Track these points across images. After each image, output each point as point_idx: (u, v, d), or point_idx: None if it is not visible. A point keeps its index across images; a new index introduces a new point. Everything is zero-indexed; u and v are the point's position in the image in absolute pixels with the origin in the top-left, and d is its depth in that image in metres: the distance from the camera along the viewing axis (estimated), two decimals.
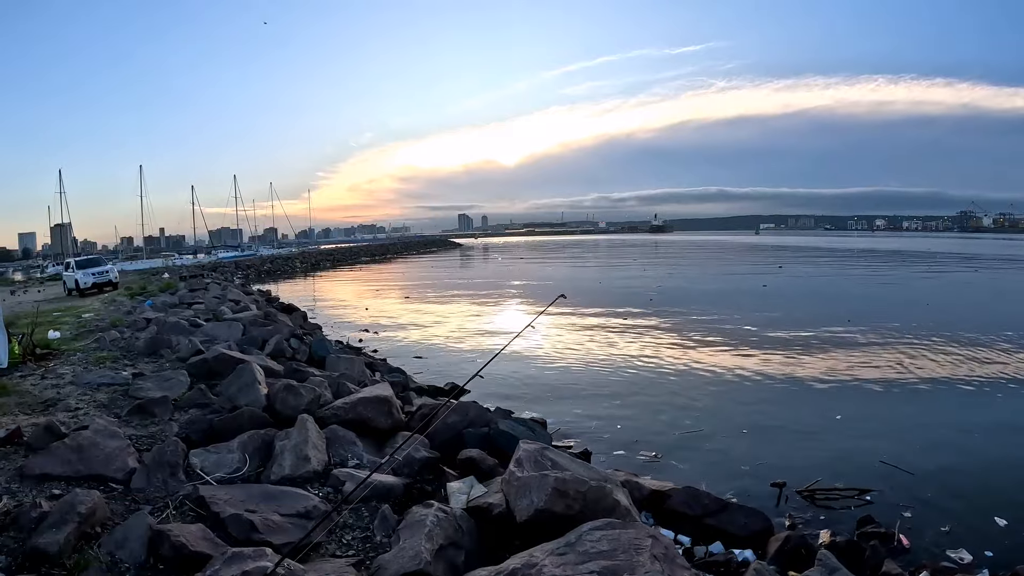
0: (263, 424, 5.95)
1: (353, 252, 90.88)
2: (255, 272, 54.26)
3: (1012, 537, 5.49)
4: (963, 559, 5.12)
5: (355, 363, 10.28)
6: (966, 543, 5.34)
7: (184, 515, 4.32)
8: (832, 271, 40.60)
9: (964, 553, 5.20)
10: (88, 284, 26.17)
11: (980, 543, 5.34)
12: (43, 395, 7.38)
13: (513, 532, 4.07)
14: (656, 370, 12.44)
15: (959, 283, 30.56)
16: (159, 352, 10.29)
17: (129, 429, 6.01)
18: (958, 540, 5.41)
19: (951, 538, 5.47)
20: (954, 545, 5.32)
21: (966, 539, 5.42)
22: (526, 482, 4.09)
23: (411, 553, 3.61)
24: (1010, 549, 5.26)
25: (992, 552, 5.21)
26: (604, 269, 47.49)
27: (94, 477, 4.81)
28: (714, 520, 5.32)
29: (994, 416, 9.03)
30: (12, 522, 3.97)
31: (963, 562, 5.06)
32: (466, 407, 7.03)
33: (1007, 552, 5.21)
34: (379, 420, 6.44)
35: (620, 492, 4.32)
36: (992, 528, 5.64)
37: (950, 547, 5.28)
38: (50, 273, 50.50)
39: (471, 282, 38.80)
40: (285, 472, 5.06)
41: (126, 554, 3.70)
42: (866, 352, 13.50)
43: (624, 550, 3.19)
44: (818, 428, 8.68)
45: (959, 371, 11.58)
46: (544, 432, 7.82)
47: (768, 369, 12.16)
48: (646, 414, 9.47)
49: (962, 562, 5.06)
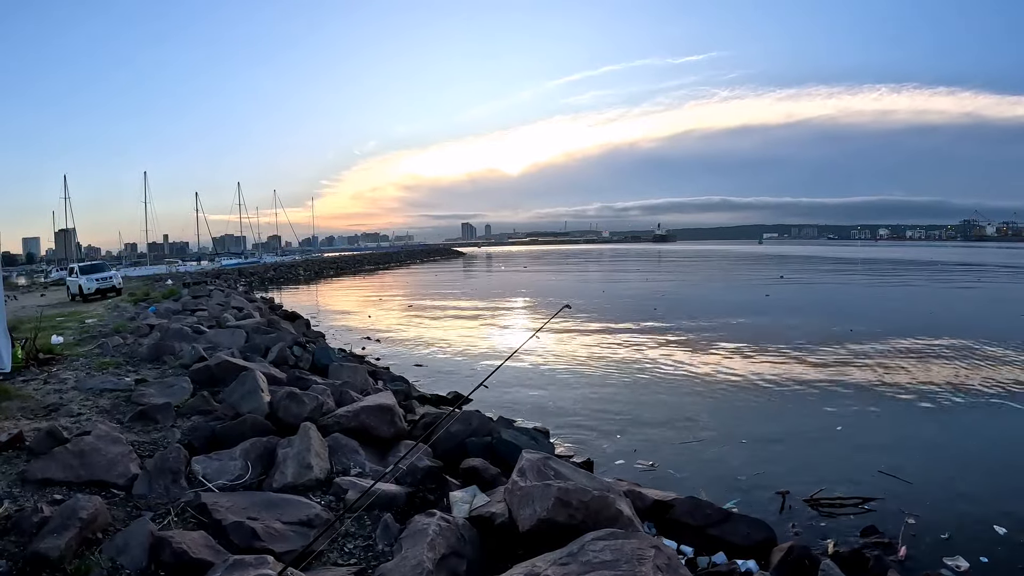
0: (265, 432, 5.95)
1: (356, 260, 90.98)
2: (258, 279, 54.40)
3: (1009, 545, 5.49)
4: (960, 567, 5.14)
5: (358, 371, 10.27)
6: (965, 551, 5.34)
7: (186, 522, 4.31)
8: (835, 281, 40.54)
9: (961, 561, 5.21)
10: (91, 289, 26.26)
11: (979, 551, 5.35)
12: (46, 400, 7.40)
13: (516, 542, 4.04)
14: (658, 380, 12.42)
15: (962, 292, 30.46)
16: (162, 358, 10.30)
17: (131, 435, 6.01)
18: (957, 549, 5.41)
19: (950, 546, 5.47)
20: (954, 553, 5.33)
21: (965, 547, 5.42)
22: (529, 492, 4.07)
23: (413, 562, 3.60)
24: (1007, 557, 5.28)
25: (987, 558, 5.25)
26: (608, 279, 47.45)
27: (96, 483, 4.81)
28: (717, 530, 5.29)
29: (995, 425, 9.02)
30: (13, 527, 3.97)
31: (959, 570, 5.09)
32: (469, 416, 7.02)
33: (1004, 560, 5.23)
34: (382, 429, 6.43)
35: (623, 502, 4.29)
36: (991, 536, 5.64)
37: (948, 555, 5.30)
38: (54, 278, 50.62)
39: (474, 291, 38.80)
40: (287, 480, 5.05)
41: (127, 560, 3.69)
42: (868, 362, 13.45)
43: (627, 560, 3.18)
44: (818, 438, 8.66)
45: (961, 380, 11.53)
46: (547, 442, 7.80)
47: (771, 378, 12.13)
48: (646, 423, 9.46)
49: (959, 570, 5.09)
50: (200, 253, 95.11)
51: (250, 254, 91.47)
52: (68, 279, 30.08)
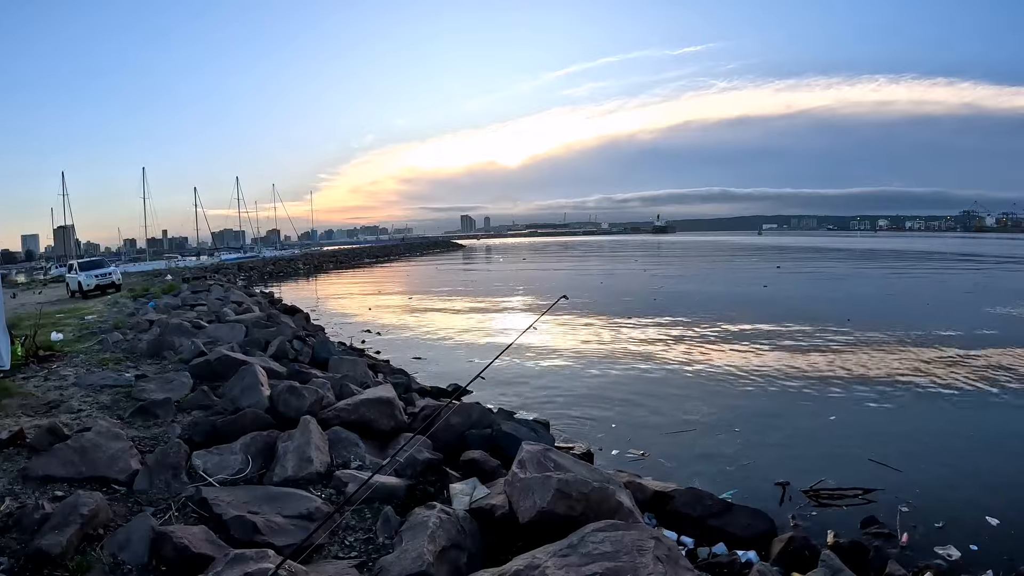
0: (266, 426, 5.95)
1: (356, 254, 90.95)
2: (258, 274, 54.37)
3: (1000, 535, 5.54)
4: (951, 555, 5.19)
5: (358, 364, 10.28)
6: (957, 541, 5.38)
7: (187, 517, 4.32)
8: (833, 271, 40.47)
9: (952, 550, 5.26)
10: (91, 286, 26.22)
11: (971, 541, 5.40)
12: (46, 397, 7.39)
13: (516, 534, 4.05)
14: (656, 370, 12.46)
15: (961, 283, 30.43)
16: (162, 354, 10.30)
17: (132, 431, 6.02)
18: (950, 538, 5.45)
19: (942, 536, 5.52)
20: (947, 542, 5.37)
21: (957, 537, 5.46)
22: (529, 483, 4.08)
23: (414, 555, 3.61)
24: (998, 545, 5.34)
25: (976, 546, 5.31)
26: (607, 270, 47.41)
27: (97, 479, 4.82)
28: (717, 521, 5.31)
29: (989, 416, 9.04)
30: (15, 524, 3.98)
31: (951, 559, 5.14)
32: (469, 408, 7.02)
33: (995, 548, 5.29)
34: (382, 421, 6.43)
35: (623, 493, 4.30)
36: (983, 527, 5.67)
37: (940, 545, 5.34)
38: (53, 275, 50.57)
39: (473, 283, 38.82)
40: (287, 474, 5.06)
41: (129, 556, 3.70)
42: (863, 352, 13.47)
43: (627, 552, 3.18)
44: (811, 428, 8.70)
45: (956, 371, 11.54)
46: (547, 433, 7.81)
47: (766, 368, 12.19)
48: (641, 413, 9.53)
49: (950, 559, 5.14)
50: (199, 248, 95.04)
51: (249, 248, 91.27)
52: (67, 276, 30.02)
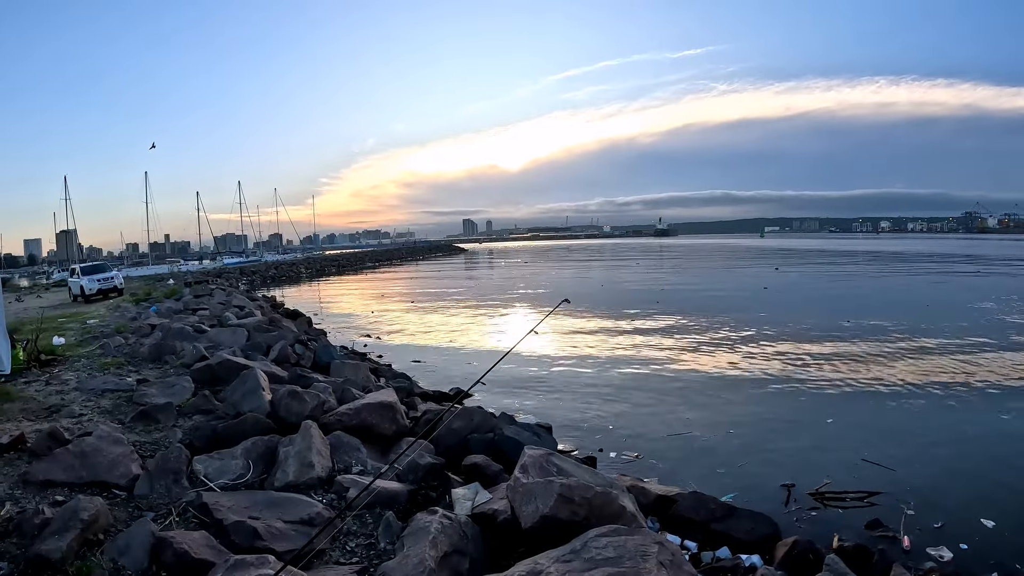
0: (267, 430, 5.93)
1: (358, 258, 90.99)
2: (260, 278, 54.39)
3: (995, 536, 5.53)
4: (943, 556, 5.19)
5: (360, 369, 10.26)
6: (953, 542, 5.39)
7: (187, 522, 4.30)
8: (833, 273, 40.36)
9: (944, 551, 5.26)
10: (93, 290, 26.25)
11: (966, 542, 5.40)
12: (47, 401, 7.39)
13: (518, 539, 4.03)
14: (657, 372, 12.45)
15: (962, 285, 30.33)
16: (163, 358, 10.30)
17: (133, 435, 6.00)
18: (947, 539, 5.45)
19: (938, 536, 5.52)
20: (941, 543, 5.38)
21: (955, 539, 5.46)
22: (531, 488, 4.05)
23: (415, 560, 3.58)
24: (990, 545, 5.35)
25: (967, 545, 5.34)
26: (609, 273, 47.37)
27: (97, 484, 4.80)
28: (721, 525, 5.28)
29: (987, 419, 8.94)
30: (15, 528, 3.96)
31: (943, 559, 5.14)
32: (471, 412, 7.00)
33: (986, 548, 5.31)
34: (383, 426, 6.41)
35: (626, 498, 4.27)
36: (979, 528, 5.66)
37: (932, 546, 5.35)
38: (55, 279, 50.68)
39: (475, 287, 38.79)
40: (289, 479, 5.04)
41: (129, 561, 3.68)
42: (860, 354, 13.40)
43: (630, 557, 3.16)
44: (811, 429, 8.66)
45: (954, 374, 11.46)
46: (549, 437, 7.78)
47: (765, 370, 12.16)
48: (642, 415, 9.50)
49: (942, 559, 5.14)
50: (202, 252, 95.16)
51: (251, 253, 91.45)
52: (70, 280, 30.09)
